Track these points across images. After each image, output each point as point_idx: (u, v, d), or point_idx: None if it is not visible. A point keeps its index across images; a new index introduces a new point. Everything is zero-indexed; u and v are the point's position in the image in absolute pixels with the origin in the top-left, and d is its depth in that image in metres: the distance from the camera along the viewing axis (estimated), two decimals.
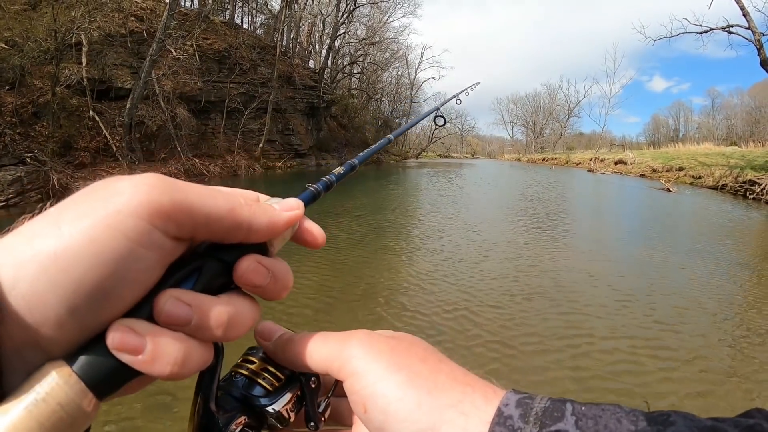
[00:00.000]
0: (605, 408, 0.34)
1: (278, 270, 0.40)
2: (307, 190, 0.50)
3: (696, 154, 32.22)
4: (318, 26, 47.85)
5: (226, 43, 28.89)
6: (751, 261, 8.52)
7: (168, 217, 0.32)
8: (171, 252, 0.34)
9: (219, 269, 0.37)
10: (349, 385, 0.40)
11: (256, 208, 0.38)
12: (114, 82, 19.99)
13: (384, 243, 8.78)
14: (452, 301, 5.57)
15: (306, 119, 36.75)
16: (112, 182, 0.33)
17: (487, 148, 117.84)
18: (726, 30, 23.45)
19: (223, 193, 0.37)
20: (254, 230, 0.37)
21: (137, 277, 0.32)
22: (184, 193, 0.33)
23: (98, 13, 17.68)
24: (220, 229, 0.36)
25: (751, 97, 73.66)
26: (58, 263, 0.29)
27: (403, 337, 0.44)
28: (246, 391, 0.42)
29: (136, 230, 0.31)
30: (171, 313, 0.33)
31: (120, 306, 0.32)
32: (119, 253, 0.30)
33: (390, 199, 15.88)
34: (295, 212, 0.41)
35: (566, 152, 64.98)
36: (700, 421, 0.31)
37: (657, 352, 4.47)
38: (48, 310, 0.29)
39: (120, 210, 0.30)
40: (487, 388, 0.38)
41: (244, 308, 0.38)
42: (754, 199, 19.33)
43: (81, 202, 0.31)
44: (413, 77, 71.98)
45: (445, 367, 0.40)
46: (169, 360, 0.32)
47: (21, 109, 15.29)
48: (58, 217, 0.30)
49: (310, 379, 0.45)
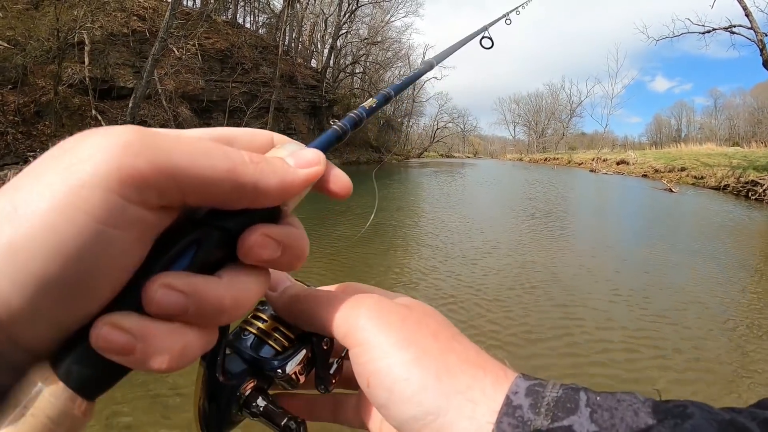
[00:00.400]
0: (621, 398, 0.32)
1: (291, 239, 0.34)
2: (331, 129, 0.44)
3: (698, 155, 32.17)
4: (320, 26, 47.88)
5: (229, 42, 28.94)
6: (751, 260, 8.52)
7: (147, 186, 0.26)
8: (155, 225, 0.29)
9: (220, 240, 0.32)
10: (354, 355, 0.37)
11: (264, 165, 0.32)
12: (116, 81, 20.05)
13: (387, 241, 8.79)
14: (459, 296, 5.58)
15: (308, 119, 36.83)
16: (79, 141, 0.27)
17: (489, 148, 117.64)
18: (728, 30, 23.43)
19: (221, 148, 0.30)
20: (262, 193, 0.31)
21: (114, 263, 0.27)
22: (167, 153, 0.27)
23: (100, 13, 17.72)
24: (218, 193, 0.30)
25: (753, 98, 73.45)
26: (15, 256, 0.24)
27: (416, 306, 0.41)
28: (255, 352, 0.40)
29: (104, 207, 0.25)
30: (163, 303, 0.28)
31: (100, 298, 0.27)
32: (84, 238, 0.25)
33: (392, 198, 15.87)
34: (314, 169, 0.35)
35: (568, 152, 64.92)
36: (718, 414, 0.30)
37: (655, 342, 4.49)
38: (13, 309, 0.25)
39: (84, 182, 0.25)
40: (500, 371, 0.35)
41: (250, 284, 0.33)
42: (756, 200, 19.30)
43: (42, 172, 0.26)
44: None
45: (458, 346, 0.37)
46: (165, 355, 0.28)
47: (23, 109, 15.33)
48: (14, 195, 0.25)
49: (322, 341, 0.42)
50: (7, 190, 0.26)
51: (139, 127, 0.28)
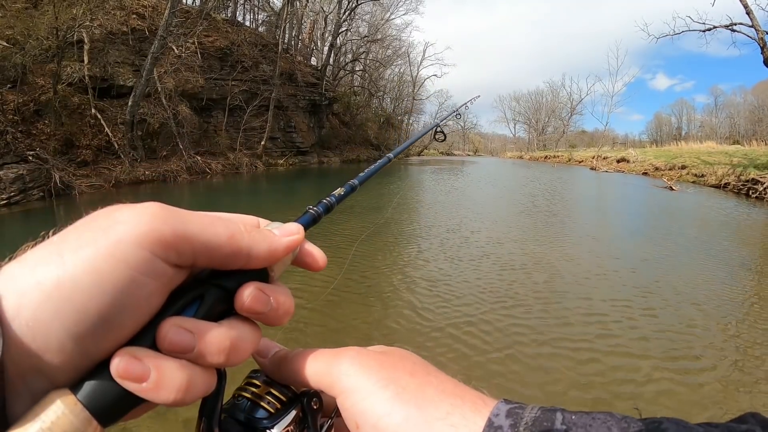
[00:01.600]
0: (596, 417, 0.34)
1: (279, 296, 0.39)
2: (307, 213, 0.50)
3: (699, 153, 32.14)
4: (320, 23, 47.88)
5: (228, 40, 28.92)
6: (750, 258, 8.50)
7: (169, 246, 0.33)
8: (172, 279, 0.34)
9: (220, 296, 0.37)
10: (340, 402, 0.40)
11: (255, 234, 0.38)
12: (116, 79, 20.01)
13: (388, 240, 8.77)
14: (460, 293, 5.56)
15: (308, 117, 36.81)
16: (113, 211, 0.33)
17: (489, 146, 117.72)
18: (729, 28, 23.36)
19: (223, 220, 0.37)
20: (254, 257, 0.38)
21: (139, 305, 0.32)
22: (184, 222, 0.34)
23: (100, 11, 17.70)
24: (220, 256, 0.36)
25: (754, 96, 73.53)
26: (61, 292, 0.29)
27: (393, 352, 0.45)
28: (249, 414, 0.42)
29: (137, 259, 0.31)
30: (174, 340, 0.33)
31: (123, 334, 0.32)
32: (121, 281, 0.31)
33: (393, 196, 15.84)
34: (294, 237, 0.41)
35: (569, 150, 64.88)
36: (692, 428, 0.31)
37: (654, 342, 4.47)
38: (51, 337, 0.29)
39: (122, 239, 0.31)
40: (477, 399, 0.38)
41: (246, 334, 0.38)
42: (756, 198, 19.27)
43: (83, 230, 0.32)
44: (415, 74, 72.09)
45: (434, 380, 0.40)
46: (173, 387, 0.33)
47: (23, 108, 15.30)
48: (60, 246, 0.31)
49: (312, 400, 0.45)
50: (49, 243, 0.32)
51: (161, 204, 0.34)
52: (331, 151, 39.47)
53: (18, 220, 10.86)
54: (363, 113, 52.03)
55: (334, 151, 40.03)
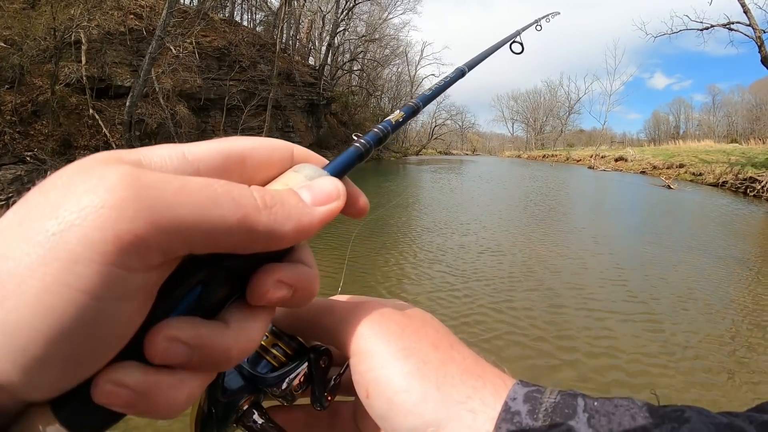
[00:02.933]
0: (618, 404, 0.32)
1: (303, 281, 0.32)
2: (353, 146, 0.41)
3: (696, 151, 32.21)
4: (318, 23, 47.83)
5: (226, 40, 28.87)
6: (747, 256, 8.52)
7: (148, 248, 0.24)
8: (158, 281, 0.27)
9: (227, 280, 0.30)
10: (353, 364, 0.37)
11: (278, 209, 0.29)
12: (113, 80, 19.98)
13: (387, 239, 8.77)
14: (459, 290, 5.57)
15: (306, 116, 36.77)
16: (66, 192, 0.24)
17: (487, 145, 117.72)
18: (727, 27, 23.39)
19: (231, 192, 0.27)
20: (276, 239, 0.29)
21: (118, 332, 0.25)
22: (168, 208, 0.24)
23: (97, 11, 17.64)
24: (230, 242, 0.27)
25: (751, 94, 73.67)
26: (8, 340, 0.22)
27: (415, 314, 0.41)
28: (252, 367, 0.39)
29: (103, 282, 0.23)
30: (166, 356, 0.27)
31: (101, 361, 0.26)
32: (85, 317, 0.23)
33: (392, 194, 15.84)
34: (332, 206, 0.32)
35: (567, 149, 65.01)
36: (715, 417, 0.30)
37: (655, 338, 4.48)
38: (11, 380, 0.23)
39: (77, 257, 0.22)
40: (498, 380, 0.35)
41: (258, 328, 0.32)
42: (754, 197, 19.33)
43: (26, 236, 0.23)
44: (413, 74, 72.14)
45: (457, 355, 0.37)
46: (169, 405, 0.28)
47: (20, 108, 15.26)
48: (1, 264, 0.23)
49: (320, 357, 0.41)
50: None
51: (133, 174, 0.24)
52: (330, 151, 39.34)
53: None
54: (361, 113, 51.99)
55: (332, 150, 39.91)
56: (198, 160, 0.30)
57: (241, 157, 0.32)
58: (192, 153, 0.30)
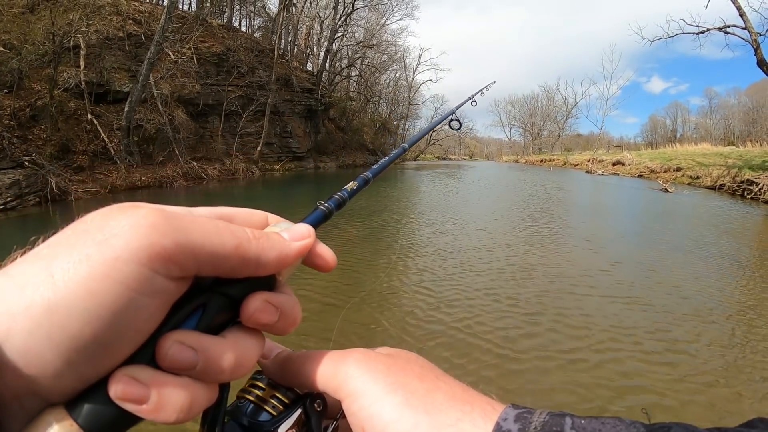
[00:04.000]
0: (605, 422, 0.33)
1: (287, 307, 0.38)
2: (318, 209, 0.48)
3: (694, 155, 32.31)
4: (316, 29, 48.01)
5: (224, 46, 28.94)
6: (746, 258, 8.54)
7: (171, 260, 0.30)
8: (174, 294, 0.32)
9: (224, 304, 0.35)
10: (346, 406, 0.39)
11: (264, 241, 0.36)
12: (112, 85, 20.02)
13: (384, 244, 8.78)
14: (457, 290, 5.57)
15: (304, 122, 36.84)
16: (107, 219, 0.31)
17: (485, 150, 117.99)
18: (723, 30, 23.48)
19: (229, 227, 0.35)
20: (263, 265, 0.36)
21: (139, 326, 0.30)
22: (186, 233, 0.31)
23: (96, 16, 17.73)
24: (227, 266, 0.34)
25: (748, 97, 73.99)
26: (53, 318, 0.27)
27: (400, 354, 0.44)
28: (252, 418, 0.41)
29: (136, 278, 0.29)
30: (175, 359, 0.31)
31: (121, 355, 0.30)
32: (119, 305, 0.28)
33: (390, 200, 15.86)
34: (305, 242, 0.40)
35: (564, 153, 65.12)
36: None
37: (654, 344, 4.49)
38: (45, 363, 0.28)
39: (119, 256, 0.29)
40: (487, 405, 0.37)
41: (250, 346, 0.36)
42: (752, 199, 19.36)
43: (74, 243, 0.29)
44: (411, 79, 72.27)
45: (443, 385, 0.39)
46: (175, 408, 0.31)
47: (19, 113, 15.30)
48: (50, 263, 0.29)
49: (315, 402, 0.43)
50: (37, 257, 0.30)
51: (160, 208, 0.32)
52: (328, 156, 39.50)
53: (14, 225, 10.83)
54: (359, 118, 52.14)
55: (330, 156, 40.06)
56: (199, 214, 0.36)
57: (230, 217, 0.40)
58: (195, 210, 0.37)
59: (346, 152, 43.80)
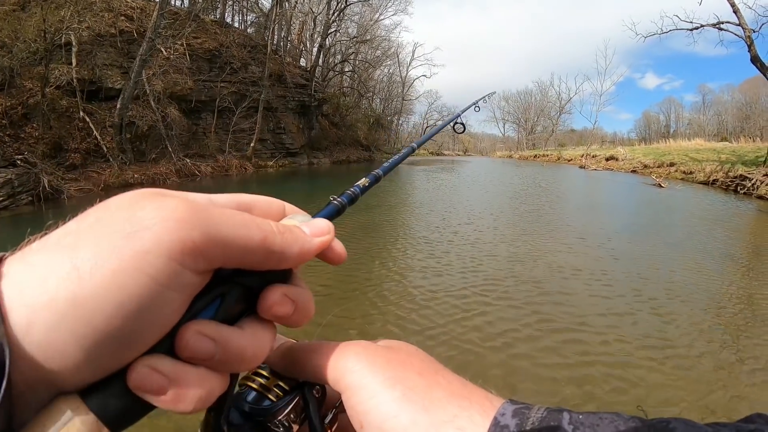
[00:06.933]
0: (603, 417, 0.33)
1: (302, 300, 0.38)
2: (331, 204, 0.48)
3: (687, 150, 32.50)
4: (309, 24, 47.79)
5: (217, 42, 28.77)
6: (737, 252, 8.58)
7: (200, 254, 0.30)
8: (198, 286, 0.32)
9: (242, 295, 0.36)
10: (345, 399, 0.39)
11: (288, 235, 0.36)
12: (104, 82, 19.86)
13: (381, 240, 8.77)
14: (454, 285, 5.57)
15: (297, 118, 36.72)
16: (133, 208, 0.30)
17: (479, 146, 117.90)
18: (716, 27, 23.55)
19: (255, 220, 0.34)
20: (285, 259, 0.36)
21: (163, 320, 0.30)
22: (216, 226, 0.31)
23: (88, 13, 17.59)
24: (252, 259, 0.34)
25: (741, 93, 74.20)
26: (78, 311, 0.27)
27: (400, 348, 0.44)
28: (255, 405, 0.42)
29: (166, 272, 0.29)
30: (196, 349, 0.31)
31: (143, 347, 0.30)
32: (147, 298, 0.28)
33: (387, 195, 15.83)
34: (326, 237, 0.40)
35: (558, 149, 65.33)
36: (701, 428, 0.30)
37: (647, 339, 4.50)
38: (66, 356, 0.27)
39: (149, 250, 0.28)
40: (485, 401, 0.37)
41: (266, 337, 0.37)
42: (744, 194, 19.47)
43: (101, 233, 0.29)
44: (405, 75, 72.20)
45: (443, 380, 0.39)
46: (193, 398, 0.31)
47: (11, 111, 15.17)
48: (74, 253, 0.28)
49: (313, 389, 0.44)
50: (59, 246, 0.29)
51: (188, 200, 0.31)
52: (321, 153, 39.40)
53: (7, 225, 10.72)
54: (353, 114, 52.00)
55: (324, 152, 39.96)
56: (220, 204, 0.37)
57: (249, 205, 0.40)
58: (215, 198, 0.37)
59: (339, 148, 43.70)
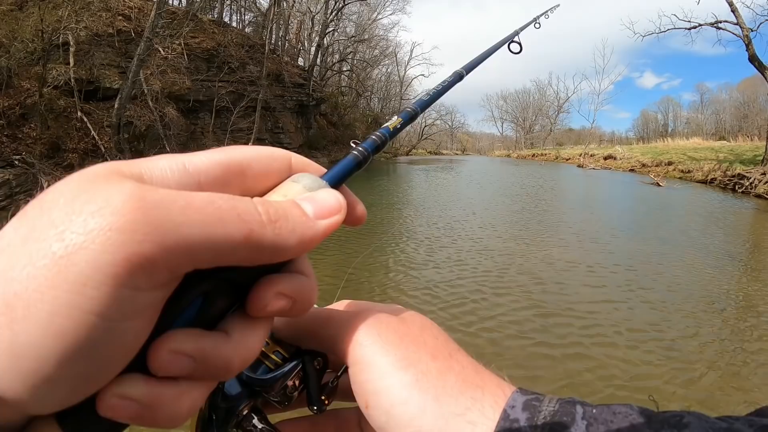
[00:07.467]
0: (617, 410, 0.32)
1: (302, 293, 0.32)
2: (351, 154, 0.41)
3: (685, 149, 32.55)
4: (307, 24, 47.72)
5: (215, 41, 28.73)
6: (733, 248, 8.60)
7: (157, 269, 0.24)
8: (164, 296, 0.26)
9: (228, 291, 0.30)
10: (353, 374, 0.37)
11: (282, 224, 0.28)
12: (102, 82, 19.79)
13: (379, 239, 8.77)
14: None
15: (296, 117, 36.70)
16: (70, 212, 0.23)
17: (477, 145, 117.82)
18: (714, 26, 23.59)
19: (236, 208, 0.27)
20: (280, 252, 0.29)
21: (124, 351, 0.25)
22: (176, 228, 0.24)
23: (85, 13, 17.51)
24: (234, 258, 0.27)
25: (739, 92, 74.21)
26: (18, 363, 0.22)
27: (414, 321, 0.41)
28: (251, 371, 0.39)
29: (113, 303, 0.23)
30: (170, 370, 0.27)
31: (111, 375, 0.26)
32: (95, 338, 0.23)
33: (385, 194, 15.82)
34: (334, 219, 0.32)
35: (556, 148, 65.42)
36: (714, 422, 0.30)
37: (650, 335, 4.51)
38: (24, 403, 0.23)
39: (86, 280, 0.22)
40: (498, 389, 0.35)
41: (255, 340, 0.31)
42: (742, 193, 19.50)
43: (31, 256, 0.23)
44: (403, 74, 72.22)
45: (456, 365, 0.37)
46: (173, 416, 0.28)
47: (8, 111, 15.10)
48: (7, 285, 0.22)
49: (314, 359, 0.41)
50: None
51: (138, 194, 0.24)
52: (319, 152, 39.28)
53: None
54: (350, 113, 51.96)
55: (322, 151, 39.85)
56: (199, 172, 0.29)
57: (241, 167, 0.32)
58: (192, 164, 0.30)
59: (338, 147, 43.59)
